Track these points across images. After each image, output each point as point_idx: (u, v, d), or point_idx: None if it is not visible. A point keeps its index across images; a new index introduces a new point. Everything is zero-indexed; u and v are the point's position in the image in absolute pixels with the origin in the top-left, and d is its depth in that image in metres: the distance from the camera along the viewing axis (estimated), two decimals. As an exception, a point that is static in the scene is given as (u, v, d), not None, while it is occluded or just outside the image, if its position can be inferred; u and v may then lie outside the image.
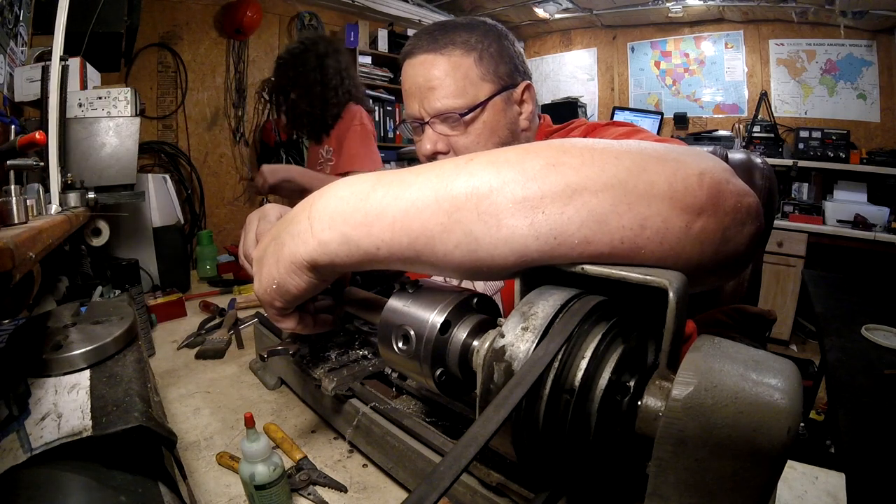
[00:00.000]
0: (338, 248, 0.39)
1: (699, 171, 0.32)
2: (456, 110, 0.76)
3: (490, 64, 0.77)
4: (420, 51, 0.78)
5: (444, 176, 0.35)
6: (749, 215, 0.34)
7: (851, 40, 3.31)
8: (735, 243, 0.34)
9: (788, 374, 0.26)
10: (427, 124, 0.79)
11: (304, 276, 0.42)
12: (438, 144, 0.79)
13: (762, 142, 3.57)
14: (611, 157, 0.33)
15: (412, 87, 0.79)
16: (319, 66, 1.70)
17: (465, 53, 0.76)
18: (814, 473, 0.62)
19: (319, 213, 0.40)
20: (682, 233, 0.31)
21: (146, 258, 1.27)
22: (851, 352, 1.30)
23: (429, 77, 0.76)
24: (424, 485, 0.22)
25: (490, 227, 0.33)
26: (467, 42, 0.76)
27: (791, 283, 3.17)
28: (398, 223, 0.36)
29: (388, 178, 0.38)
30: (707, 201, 0.32)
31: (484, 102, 0.77)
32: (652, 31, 4.10)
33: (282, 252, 0.43)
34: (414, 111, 0.80)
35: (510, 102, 0.81)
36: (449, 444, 0.50)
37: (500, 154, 0.35)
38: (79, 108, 1.09)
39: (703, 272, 0.34)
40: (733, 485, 0.25)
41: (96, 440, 0.39)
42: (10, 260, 0.41)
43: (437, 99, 0.76)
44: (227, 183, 3.21)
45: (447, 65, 0.76)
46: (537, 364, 0.29)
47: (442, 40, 0.76)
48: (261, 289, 0.46)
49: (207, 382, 0.82)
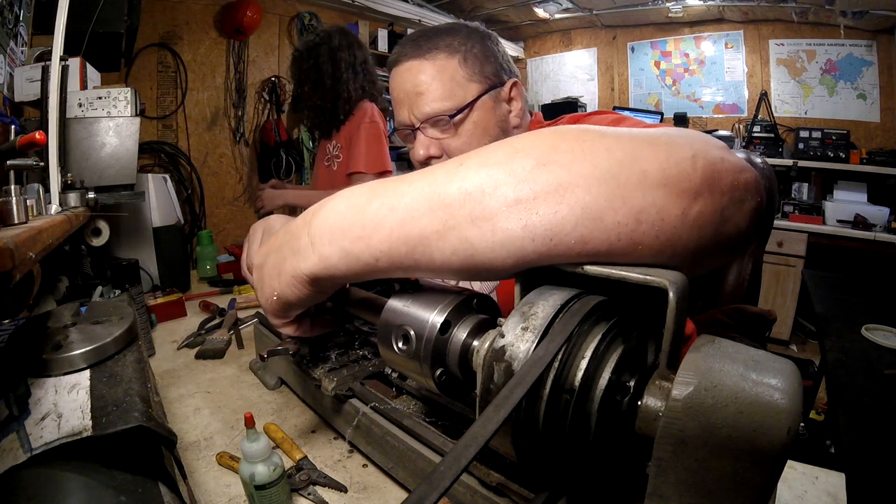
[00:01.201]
0: (338, 262, 0.40)
1: (692, 153, 0.32)
2: (445, 113, 0.77)
3: (475, 64, 0.78)
4: (405, 58, 0.79)
5: (437, 183, 0.35)
6: (748, 191, 0.34)
7: (851, 40, 3.31)
8: (735, 222, 0.33)
9: (788, 374, 0.26)
10: (418, 130, 0.80)
11: (305, 289, 0.43)
12: (431, 149, 0.80)
13: (762, 142, 3.57)
14: (602, 149, 0.32)
15: (400, 95, 0.80)
16: (332, 59, 1.68)
17: (449, 56, 0.77)
18: (814, 473, 0.62)
19: (319, 228, 0.41)
20: (678, 221, 0.31)
21: (146, 258, 1.27)
22: (851, 352, 1.30)
23: (416, 83, 0.77)
24: (424, 485, 0.22)
25: (485, 231, 0.33)
26: (450, 45, 0.77)
27: (791, 283, 3.17)
28: (395, 233, 0.36)
29: (382, 188, 0.39)
30: (702, 184, 0.31)
31: (472, 102, 0.78)
32: (652, 31, 4.10)
33: (283, 266, 0.44)
34: (404, 118, 0.81)
35: (499, 101, 0.81)
36: (449, 444, 0.50)
37: (490, 155, 0.35)
38: (79, 108, 1.09)
39: (703, 256, 0.33)
40: (733, 485, 0.25)
41: (96, 440, 0.39)
42: (10, 260, 0.41)
43: (425, 103, 0.77)
44: (227, 183, 3.21)
45: (433, 69, 0.77)
46: (537, 364, 0.29)
47: (425, 46, 0.77)
48: (262, 299, 0.48)
49: (207, 382, 0.82)
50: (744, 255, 0.43)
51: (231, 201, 3.25)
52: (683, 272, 0.31)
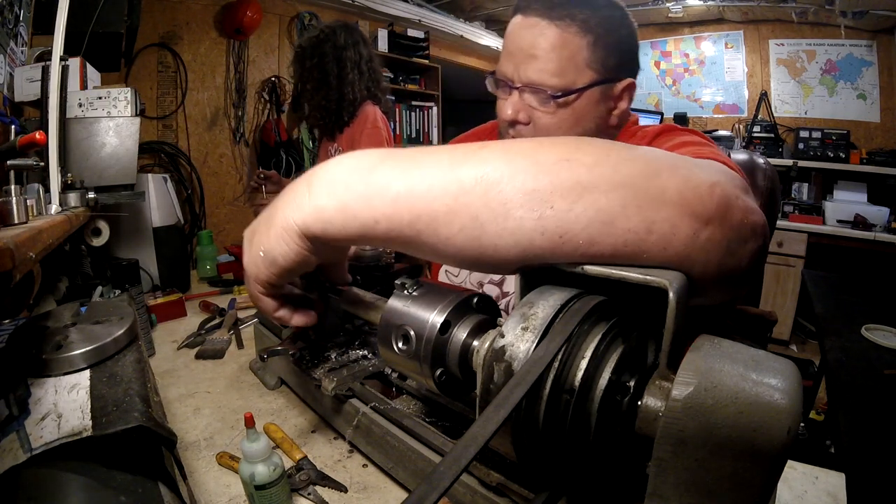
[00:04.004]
0: (333, 216, 0.37)
1: (711, 182, 0.32)
2: (550, 88, 0.71)
3: (602, 52, 0.71)
4: (534, 12, 0.71)
5: (456, 159, 0.35)
6: (754, 233, 0.34)
7: (851, 40, 3.31)
8: (738, 258, 0.34)
9: (788, 374, 0.26)
10: (517, 90, 0.74)
11: (294, 243, 0.40)
12: (520, 114, 0.75)
13: (762, 142, 3.57)
14: (625, 159, 0.33)
15: (513, 48, 0.73)
16: (337, 58, 1.62)
17: (581, 33, 0.70)
18: (814, 473, 0.62)
19: (319, 178, 0.39)
20: (688, 239, 0.31)
21: (146, 258, 1.27)
22: (851, 352, 1.30)
23: (534, 44, 0.70)
24: (424, 485, 0.22)
25: (497, 215, 0.32)
26: (586, 22, 0.70)
27: (791, 283, 3.17)
28: (401, 199, 0.35)
29: (398, 154, 0.37)
30: (716, 212, 0.32)
31: (581, 90, 0.72)
32: (652, 31, 4.10)
33: (274, 218, 0.41)
34: (508, 71, 0.74)
35: (606, 97, 0.75)
36: (449, 444, 0.50)
37: (514, 144, 0.35)
38: (79, 108, 1.09)
39: (706, 283, 0.33)
40: (733, 485, 0.25)
41: (96, 440, 0.39)
42: (10, 260, 0.41)
43: (534, 70, 0.71)
44: (227, 183, 3.21)
45: (557, 39, 0.70)
46: (537, 364, 0.29)
47: (560, 10, 0.70)
48: (248, 259, 0.44)
49: (207, 382, 0.82)
50: (740, 295, 0.42)
51: (231, 201, 3.25)
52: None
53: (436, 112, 3.88)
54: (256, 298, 0.47)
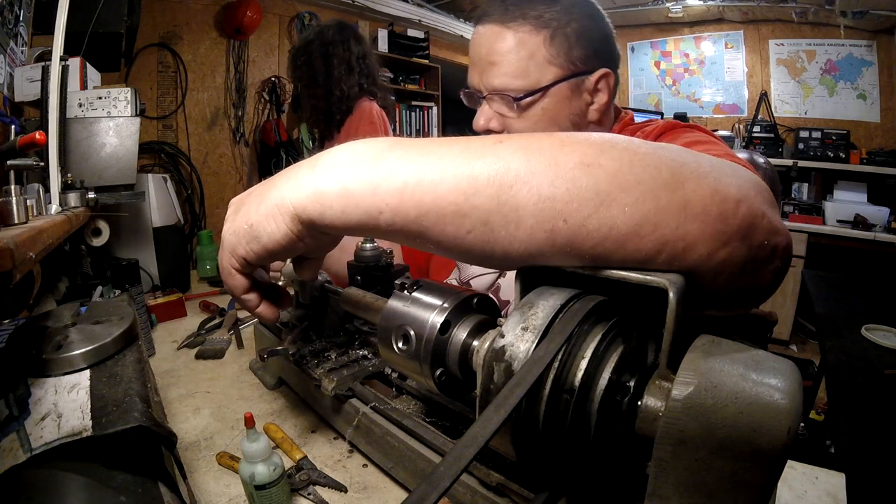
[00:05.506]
0: (334, 201, 0.34)
1: (738, 198, 0.30)
2: (513, 91, 0.70)
3: (562, 45, 0.69)
4: (488, 19, 0.71)
5: (470, 152, 0.32)
6: (776, 255, 0.32)
7: (851, 40, 3.31)
8: (755, 278, 0.32)
9: (788, 374, 0.26)
10: (484, 99, 0.74)
11: (284, 224, 0.37)
12: (492, 122, 0.74)
13: (762, 142, 3.57)
14: (651, 165, 0.30)
15: (475, 57, 0.74)
16: (324, 55, 1.59)
17: (535, 31, 0.68)
18: (814, 473, 0.62)
19: (325, 160, 0.36)
20: (700, 260, 0.30)
21: (146, 258, 1.27)
22: (851, 352, 1.30)
23: (491, 50, 0.70)
24: (424, 485, 0.22)
25: (509, 221, 0.31)
26: (541, 17, 0.68)
27: (791, 283, 3.16)
28: (408, 191, 0.33)
29: (410, 142, 0.35)
30: (738, 231, 0.30)
31: (544, 88, 0.70)
32: (652, 31, 4.10)
33: (269, 193, 0.38)
34: (474, 81, 0.75)
35: (579, 91, 0.72)
36: (449, 444, 0.50)
37: (533, 140, 0.32)
38: (79, 108, 1.09)
39: (715, 296, 0.33)
40: (733, 485, 0.25)
41: (96, 440, 0.39)
42: (10, 260, 0.41)
43: (495, 76, 0.70)
44: (227, 183, 3.21)
45: (513, 40, 0.69)
46: (537, 364, 0.29)
47: (513, 11, 0.69)
48: (229, 228, 0.41)
49: (207, 382, 0.82)
50: (748, 309, 0.41)
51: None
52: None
53: (436, 112, 3.88)
54: (227, 273, 0.43)
